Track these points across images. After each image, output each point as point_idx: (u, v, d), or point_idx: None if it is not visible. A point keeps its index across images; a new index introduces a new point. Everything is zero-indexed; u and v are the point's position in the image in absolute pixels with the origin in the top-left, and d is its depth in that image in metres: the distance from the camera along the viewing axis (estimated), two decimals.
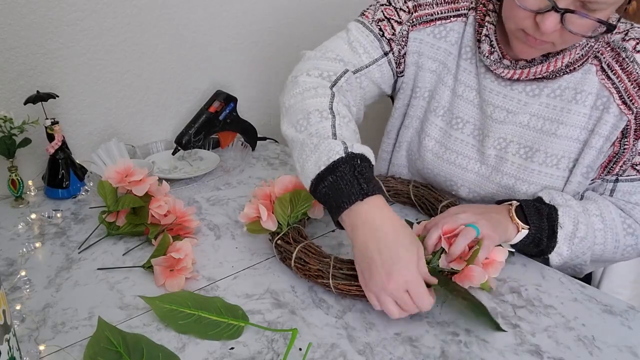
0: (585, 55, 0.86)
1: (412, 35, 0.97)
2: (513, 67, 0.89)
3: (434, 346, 0.71)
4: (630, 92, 0.85)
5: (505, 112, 0.92)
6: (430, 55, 0.98)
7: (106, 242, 0.94)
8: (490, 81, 0.93)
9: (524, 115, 0.91)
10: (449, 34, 0.96)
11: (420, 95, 1.00)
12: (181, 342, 0.71)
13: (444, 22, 0.96)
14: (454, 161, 0.98)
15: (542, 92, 0.89)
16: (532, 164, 0.91)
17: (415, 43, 0.97)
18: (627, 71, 0.85)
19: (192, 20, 1.29)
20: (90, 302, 0.79)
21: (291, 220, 0.88)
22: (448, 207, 0.95)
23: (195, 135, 1.22)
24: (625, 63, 0.85)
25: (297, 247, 0.82)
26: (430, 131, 0.99)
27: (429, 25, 0.96)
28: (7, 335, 0.55)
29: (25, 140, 1.06)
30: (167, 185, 0.98)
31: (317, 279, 0.79)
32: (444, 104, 0.98)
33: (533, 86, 0.90)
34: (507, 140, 0.93)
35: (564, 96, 0.88)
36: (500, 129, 0.93)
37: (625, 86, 0.85)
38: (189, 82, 1.34)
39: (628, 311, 0.77)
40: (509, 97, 0.91)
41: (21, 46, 1.08)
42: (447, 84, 0.97)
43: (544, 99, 0.90)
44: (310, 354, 0.69)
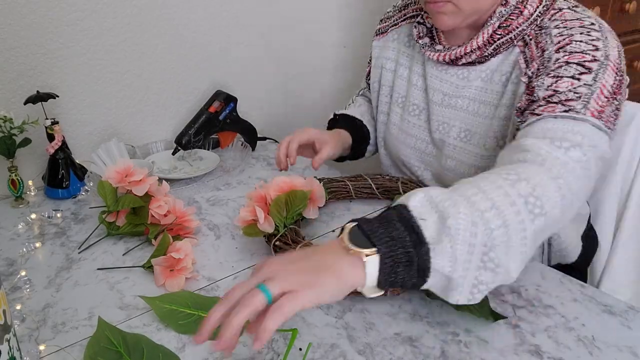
0: (513, 39, 0.88)
1: (374, 44, 1.13)
2: (442, 50, 0.95)
3: (434, 346, 0.71)
4: (533, 56, 0.85)
5: (442, 95, 0.99)
6: (388, 56, 1.11)
7: (106, 242, 0.94)
8: (430, 67, 1.01)
9: (463, 100, 0.96)
10: (400, 36, 1.09)
11: (384, 92, 1.12)
12: (181, 342, 0.71)
13: (395, 28, 1.10)
14: (413, 145, 1.07)
15: (471, 74, 0.94)
16: (469, 146, 0.96)
17: (376, 50, 1.13)
18: (537, 41, 0.85)
19: (192, 20, 1.29)
20: (90, 302, 0.79)
21: (287, 221, 0.88)
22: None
23: (195, 135, 1.22)
24: (541, 37, 0.85)
25: (297, 247, 0.83)
26: (393, 119, 1.10)
27: (385, 35, 1.12)
28: (7, 335, 0.55)
29: (25, 140, 1.06)
30: (167, 185, 0.98)
31: None
32: (402, 93, 1.08)
33: (464, 70, 0.95)
34: (450, 124, 0.99)
35: (493, 78, 0.92)
36: (440, 111, 1.00)
37: (532, 53, 0.85)
38: (189, 82, 1.34)
39: (628, 311, 0.77)
40: (444, 80, 0.98)
41: (21, 46, 1.08)
42: (402, 76, 1.08)
43: (478, 83, 0.94)
44: (310, 354, 0.69)
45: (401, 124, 1.08)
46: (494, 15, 0.87)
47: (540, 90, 0.79)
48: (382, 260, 0.57)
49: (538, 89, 0.80)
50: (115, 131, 1.25)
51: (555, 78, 0.78)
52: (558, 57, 0.80)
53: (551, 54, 0.81)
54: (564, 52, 0.80)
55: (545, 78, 0.80)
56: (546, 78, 0.79)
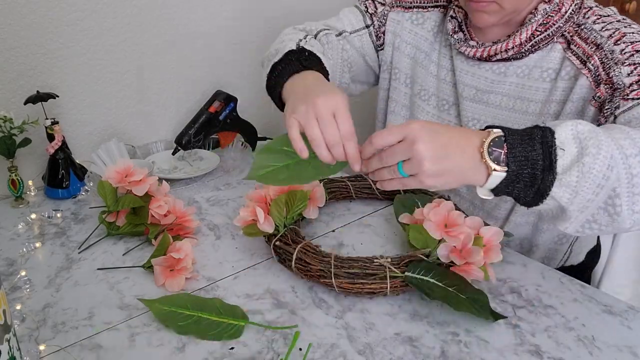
0: (551, 35, 0.88)
1: (391, 15, 1.05)
2: (478, 46, 0.93)
3: (434, 346, 0.71)
4: (586, 51, 0.86)
5: (475, 90, 0.96)
6: (406, 39, 1.05)
7: (106, 242, 0.94)
8: (460, 61, 0.97)
9: (496, 96, 0.95)
10: (426, 22, 1.03)
11: (399, 78, 1.07)
12: (181, 342, 0.71)
13: (421, 11, 1.04)
14: None
15: (508, 70, 0.93)
16: None
17: (393, 23, 1.05)
18: (584, 37, 0.86)
19: (192, 20, 1.29)
20: (90, 302, 0.79)
21: (287, 221, 0.88)
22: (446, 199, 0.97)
23: (195, 135, 1.22)
24: (584, 32, 0.87)
25: (297, 247, 0.82)
26: (420, 116, 1.04)
27: (408, 11, 1.05)
28: (7, 335, 0.55)
29: (25, 140, 1.06)
30: (167, 185, 0.98)
31: (320, 279, 0.79)
32: (428, 89, 1.03)
33: (499, 65, 0.94)
34: (481, 121, 0.97)
35: (532, 75, 0.91)
36: (471, 107, 0.97)
37: (584, 49, 0.86)
38: (189, 82, 1.34)
39: (628, 311, 0.77)
40: (477, 76, 0.96)
41: (21, 46, 1.08)
42: (428, 69, 1.03)
43: (513, 79, 0.93)
44: (310, 354, 0.69)
45: (432, 121, 1.00)
46: (536, 12, 0.87)
47: (623, 78, 0.79)
48: (508, 176, 0.64)
49: (618, 78, 0.80)
50: (115, 131, 1.25)
51: (632, 66, 0.79)
52: (622, 48, 0.81)
53: (611, 46, 0.82)
54: (624, 44, 0.81)
55: (621, 67, 0.80)
56: (622, 67, 0.80)
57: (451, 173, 0.65)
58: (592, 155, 0.62)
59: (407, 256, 0.79)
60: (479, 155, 0.64)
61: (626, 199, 0.63)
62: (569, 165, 0.62)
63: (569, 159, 0.63)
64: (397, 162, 0.66)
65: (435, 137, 0.65)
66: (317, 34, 1.01)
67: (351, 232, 0.97)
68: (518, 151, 0.63)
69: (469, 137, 0.66)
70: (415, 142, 0.64)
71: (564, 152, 0.63)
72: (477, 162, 0.64)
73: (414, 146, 0.64)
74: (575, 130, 0.64)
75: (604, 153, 0.62)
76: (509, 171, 0.63)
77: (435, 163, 0.64)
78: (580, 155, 0.62)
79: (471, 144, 0.65)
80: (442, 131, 0.66)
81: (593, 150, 0.62)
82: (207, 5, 1.31)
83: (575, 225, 0.66)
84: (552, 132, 0.64)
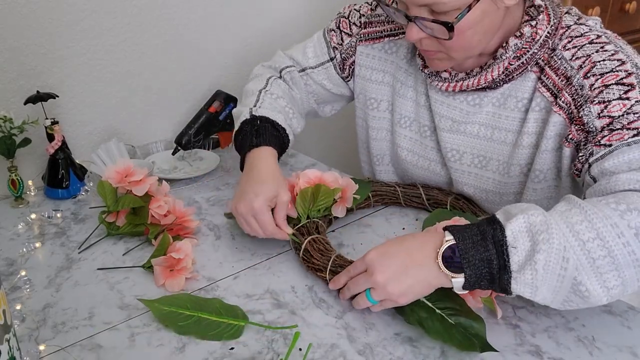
0: (525, 64, 0.85)
1: (359, 49, 1.04)
2: (450, 79, 0.91)
3: (434, 346, 0.71)
4: (557, 85, 0.83)
5: (451, 122, 0.94)
6: (380, 68, 1.03)
7: (106, 242, 0.94)
8: (435, 91, 0.96)
9: (472, 125, 0.93)
10: (399, 49, 1.01)
11: (377, 107, 1.05)
12: (181, 342, 0.71)
13: (393, 39, 1.01)
14: (427, 167, 1.02)
15: (483, 101, 0.91)
16: (487, 172, 0.93)
17: (363, 57, 1.04)
18: (554, 67, 0.84)
19: (192, 20, 1.29)
20: (90, 302, 0.79)
21: (312, 213, 0.89)
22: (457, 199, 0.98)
23: (195, 135, 1.22)
24: (554, 61, 0.84)
25: (307, 239, 0.85)
26: (401, 142, 1.03)
27: (378, 42, 1.02)
28: (7, 335, 0.55)
29: (25, 140, 1.06)
30: (167, 185, 0.98)
31: (317, 272, 0.81)
32: (408, 115, 1.01)
33: (474, 95, 0.92)
34: (461, 151, 0.95)
35: (507, 104, 0.89)
36: (449, 137, 0.95)
37: (554, 82, 0.84)
38: (189, 82, 1.34)
39: (628, 311, 0.77)
40: (452, 107, 0.94)
41: (21, 46, 1.08)
42: (406, 96, 1.01)
43: (489, 108, 0.91)
44: (310, 354, 0.69)
45: (414, 147, 1.02)
46: (507, 48, 0.84)
47: (593, 120, 0.77)
48: (467, 279, 0.66)
49: (588, 119, 0.77)
50: (115, 131, 1.25)
51: (601, 104, 0.76)
52: (592, 82, 0.78)
53: (580, 80, 0.80)
54: (594, 77, 0.78)
55: (590, 106, 0.77)
56: (592, 106, 0.77)
57: (417, 286, 0.70)
58: (543, 252, 0.63)
59: None
60: (437, 266, 0.68)
61: (594, 280, 0.62)
62: (523, 263, 0.64)
63: (522, 255, 0.64)
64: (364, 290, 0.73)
65: (390, 261, 0.71)
66: (281, 72, 1.08)
67: (351, 232, 0.97)
68: (471, 255, 0.66)
69: (423, 250, 0.70)
70: (373, 273, 0.71)
71: (516, 249, 0.64)
72: (437, 272, 0.68)
73: (373, 277, 0.71)
74: (527, 222, 0.65)
75: (556, 246, 0.63)
76: (467, 275, 0.66)
77: (397, 285, 0.69)
78: (532, 252, 0.63)
79: (427, 256, 0.69)
80: (396, 252, 0.71)
81: (544, 247, 0.63)
82: (207, 5, 1.31)
83: (556, 305, 0.66)
84: (502, 230, 0.65)
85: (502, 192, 0.93)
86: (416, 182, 1.05)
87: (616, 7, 1.76)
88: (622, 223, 0.63)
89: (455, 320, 0.69)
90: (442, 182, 1.02)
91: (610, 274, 0.62)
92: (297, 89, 1.08)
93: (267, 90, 1.03)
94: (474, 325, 0.69)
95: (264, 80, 1.05)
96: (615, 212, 0.64)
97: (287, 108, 1.02)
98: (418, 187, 1.03)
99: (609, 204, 0.65)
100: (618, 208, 0.64)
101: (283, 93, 1.04)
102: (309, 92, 1.09)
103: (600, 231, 0.63)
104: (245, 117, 0.97)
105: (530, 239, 0.64)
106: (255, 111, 0.97)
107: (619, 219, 0.63)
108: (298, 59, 1.08)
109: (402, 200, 1.03)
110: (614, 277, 0.63)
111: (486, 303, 0.74)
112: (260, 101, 1.00)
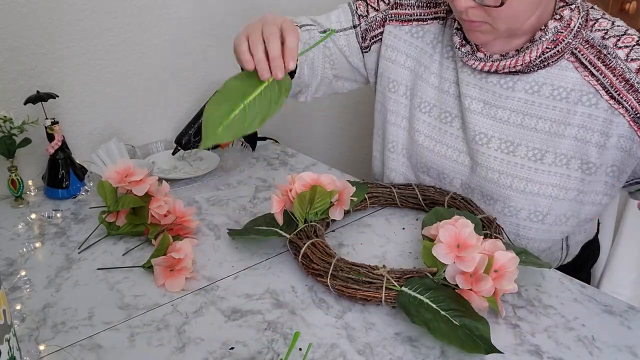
0: (561, 52, 0.87)
1: (388, 28, 1.04)
2: (486, 59, 0.91)
3: (434, 346, 0.71)
4: (617, 87, 0.85)
5: (482, 104, 0.95)
6: (405, 51, 1.03)
7: (106, 242, 0.94)
8: (466, 74, 0.96)
9: (504, 111, 0.93)
10: (426, 34, 1.02)
11: (397, 90, 1.05)
12: (181, 342, 0.71)
13: (421, 24, 1.02)
14: (444, 154, 1.01)
15: (516, 85, 0.91)
16: (514, 158, 0.93)
17: (390, 37, 1.04)
18: (611, 67, 0.85)
19: (192, 20, 1.29)
20: (90, 302, 0.79)
21: (309, 217, 0.88)
22: (454, 198, 0.98)
23: (195, 135, 1.22)
24: (608, 59, 0.85)
25: (307, 243, 0.83)
26: (419, 127, 1.03)
27: (406, 25, 1.03)
28: (7, 335, 0.55)
29: (25, 140, 1.06)
30: (167, 185, 0.98)
31: (318, 278, 0.80)
32: (429, 101, 1.01)
33: (507, 79, 0.92)
34: (489, 135, 0.95)
35: (542, 92, 0.90)
36: (478, 120, 0.95)
37: (611, 81, 0.85)
38: (189, 82, 1.34)
39: (628, 311, 0.77)
40: (484, 89, 0.94)
41: (21, 46, 1.08)
42: (428, 81, 1.01)
43: (521, 95, 0.91)
44: (310, 354, 0.69)
45: (432, 133, 1.01)
46: (547, 30, 0.85)
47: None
48: None
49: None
50: (115, 131, 1.25)
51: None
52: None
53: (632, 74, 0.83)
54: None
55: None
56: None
57: None
58: None
59: (411, 270, 0.77)
60: None
61: None
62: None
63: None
64: None
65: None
66: (301, 27, 1.01)
67: (351, 232, 0.97)
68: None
69: None
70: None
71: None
72: None
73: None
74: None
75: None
76: None
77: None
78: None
79: None
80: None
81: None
82: (207, 5, 1.31)
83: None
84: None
85: (530, 178, 0.92)
86: (429, 170, 1.03)
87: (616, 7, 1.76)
88: None
89: (460, 322, 0.69)
90: (458, 171, 1.00)
91: None
92: (314, 51, 1.03)
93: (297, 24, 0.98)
94: (479, 327, 0.68)
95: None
96: None
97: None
98: (414, 187, 1.02)
99: None
100: None
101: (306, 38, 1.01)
102: (326, 56, 1.05)
103: None
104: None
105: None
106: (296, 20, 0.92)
107: None
108: (320, 21, 1.06)
109: (398, 201, 1.02)
110: None
111: (490, 303, 0.74)
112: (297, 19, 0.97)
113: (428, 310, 0.71)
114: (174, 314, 0.77)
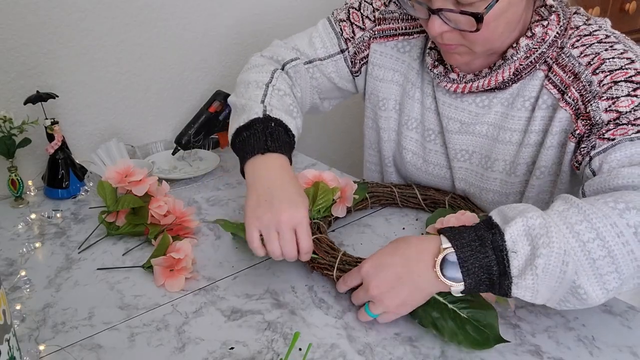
0: (534, 62, 0.85)
1: (373, 47, 1.00)
2: (459, 80, 0.90)
3: (434, 346, 0.71)
4: (565, 82, 0.83)
5: (459, 124, 0.94)
6: (392, 67, 1.01)
7: (106, 242, 0.94)
8: (442, 93, 0.94)
9: (482, 125, 0.92)
10: (412, 49, 0.99)
11: (387, 107, 1.03)
12: (181, 342, 0.71)
13: (407, 38, 0.99)
14: (431, 172, 1.01)
15: (492, 102, 0.90)
16: (492, 173, 0.93)
17: (376, 55, 1.01)
18: (562, 65, 0.83)
19: (192, 20, 1.29)
20: (90, 302, 0.79)
21: (312, 214, 0.89)
22: (454, 198, 0.98)
23: (195, 135, 1.22)
24: (562, 58, 0.84)
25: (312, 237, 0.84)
26: (407, 144, 1.02)
27: (392, 40, 1.00)
28: (7, 335, 0.55)
29: (25, 140, 1.06)
30: (167, 185, 0.98)
31: (324, 271, 0.80)
32: (415, 116, 1.00)
33: (483, 97, 0.91)
34: (470, 151, 0.94)
35: (515, 104, 0.88)
36: (458, 139, 0.94)
37: (562, 78, 0.83)
38: (189, 82, 1.34)
39: (628, 311, 0.77)
40: (460, 109, 0.93)
41: (21, 46, 1.08)
42: (414, 97, 0.99)
43: (498, 108, 0.90)
44: (310, 354, 0.69)
45: (419, 151, 1.01)
46: (519, 48, 0.83)
47: (600, 114, 0.77)
48: (467, 286, 0.66)
49: (596, 113, 0.77)
50: (115, 131, 1.25)
51: (610, 100, 0.76)
52: (601, 79, 0.78)
53: (589, 77, 0.80)
54: (602, 73, 0.79)
55: (598, 102, 0.77)
56: (600, 101, 0.77)
57: (414, 295, 0.70)
58: (544, 256, 0.62)
59: None
60: (434, 274, 0.67)
61: (594, 282, 0.62)
62: (523, 267, 0.63)
63: (522, 260, 0.64)
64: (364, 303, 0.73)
65: (385, 274, 0.70)
66: (285, 66, 0.99)
67: (351, 232, 0.97)
68: (470, 263, 0.65)
69: (419, 258, 0.69)
70: (368, 288, 0.71)
71: (516, 254, 0.64)
72: (434, 280, 0.67)
73: (369, 292, 0.71)
74: (526, 226, 0.64)
75: (556, 250, 0.62)
76: (466, 283, 0.66)
77: (394, 297, 0.70)
78: (532, 257, 0.63)
79: (423, 265, 0.68)
80: (390, 263, 0.71)
81: (544, 251, 0.62)
82: (207, 5, 1.31)
83: (552, 304, 0.66)
84: (502, 235, 0.65)
85: (507, 192, 0.93)
86: (417, 184, 1.05)
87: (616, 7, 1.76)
88: (621, 222, 0.62)
89: (468, 313, 0.69)
90: (445, 186, 1.02)
91: (610, 275, 0.62)
92: (301, 85, 1.01)
93: (275, 86, 0.93)
94: (487, 316, 0.69)
95: (268, 73, 0.95)
96: (614, 211, 0.63)
97: (292, 107, 0.92)
98: (413, 188, 1.03)
99: (607, 203, 0.64)
100: (617, 207, 0.63)
101: (289, 90, 0.95)
102: (313, 87, 1.03)
103: (600, 231, 0.62)
104: (258, 114, 0.86)
105: (529, 243, 0.63)
106: (270, 111, 0.87)
107: (618, 217, 0.63)
108: (304, 49, 1.01)
109: (399, 201, 1.03)
110: (613, 278, 0.62)
111: (498, 298, 0.74)
112: (269, 97, 0.90)
113: (435, 307, 0.71)
114: (173, 314, 0.77)
